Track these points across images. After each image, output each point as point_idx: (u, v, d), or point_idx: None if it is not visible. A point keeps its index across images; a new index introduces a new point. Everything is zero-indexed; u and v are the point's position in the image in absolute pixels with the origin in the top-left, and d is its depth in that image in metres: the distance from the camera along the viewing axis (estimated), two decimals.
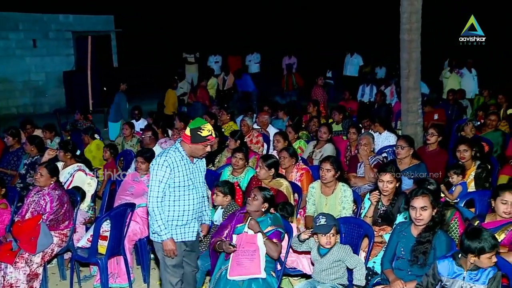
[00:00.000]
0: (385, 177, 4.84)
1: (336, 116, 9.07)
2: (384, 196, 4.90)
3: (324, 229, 4.08)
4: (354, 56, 15.28)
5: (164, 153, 4.11)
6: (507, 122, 8.75)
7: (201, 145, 4.07)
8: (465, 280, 3.47)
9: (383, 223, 4.81)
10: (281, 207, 4.99)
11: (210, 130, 4.05)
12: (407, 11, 7.31)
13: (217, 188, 5.08)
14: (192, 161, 4.19)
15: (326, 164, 5.19)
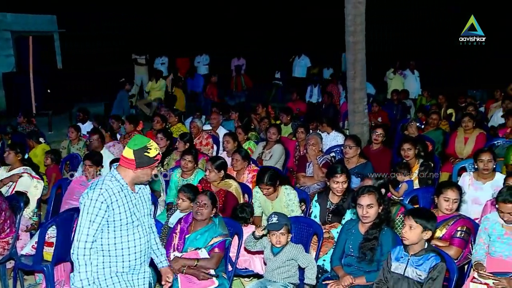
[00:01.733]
0: (340, 178, 4.92)
1: (284, 117, 9.14)
2: (336, 195, 4.99)
3: (276, 226, 4.11)
4: (302, 58, 15.48)
5: (97, 185, 3.25)
6: (447, 121, 9.11)
7: (149, 169, 3.32)
8: (409, 264, 3.63)
9: (334, 218, 4.90)
10: (240, 210, 5.01)
11: (157, 148, 3.34)
12: (351, 14, 7.48)
13: (183, 193, 4.93)
14: (133, 190, 3.39)
15: (263, 185, 5.11)
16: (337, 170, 4.95)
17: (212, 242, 4.32)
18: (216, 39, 20.36)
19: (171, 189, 6.02)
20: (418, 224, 3.59)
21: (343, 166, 5.11)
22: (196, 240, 4.37)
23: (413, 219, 3.61)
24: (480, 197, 5.15)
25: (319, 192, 5.22)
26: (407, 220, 3.65)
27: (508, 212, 3.92)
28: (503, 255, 3.99)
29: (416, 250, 3.64)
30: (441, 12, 20.91)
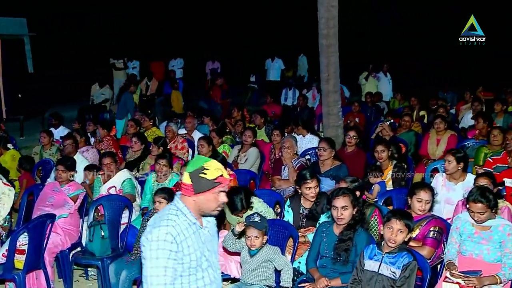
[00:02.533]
0: (312, 183, 4.92)
1: (258, 119, 9.13)
2: (309, 201, 4.99)
3: (257, 225, 4.11)
4: (275, 61, 15.54)
5: (162, 221, 2.65)
6: (419, 123, 9.25)
7: (211, 194, 2.71)
8: (383, 262, 3.69)
9: (308, 223, 4.92)
10: None
11: (219, 169, 2.74)
12: (324, 17, 7.53)
13: (159, 195, 4.88)
14: (201, 225, 2.81)
15: (240, 213, 4.96)
16: (306, 176, 4.93)
17: None
18: (190, 42, 20.31)
19: (146, 194, 5.98)
20: (406, 228, 3.66)
21: (312, 171, 5.09)
22: None
23: (403, 221, 3.65)
24: (453, 197, 5.22)
25: (291, 197, 5.19)
26: (395, 223, 3.66)
27: (478, 212, 3.99)
28: (474, 254, 4.06)
29: (390, 248, 3.69)
30: (417, 15, 21.31)
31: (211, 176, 2.68)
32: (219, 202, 2.74)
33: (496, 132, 6.68)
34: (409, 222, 3.69)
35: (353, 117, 10.15)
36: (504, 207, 4.63)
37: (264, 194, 5.53)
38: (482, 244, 4.04)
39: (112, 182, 5.92)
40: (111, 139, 8.09)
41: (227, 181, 2.75)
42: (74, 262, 5.40)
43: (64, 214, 5.27)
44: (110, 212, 5.49)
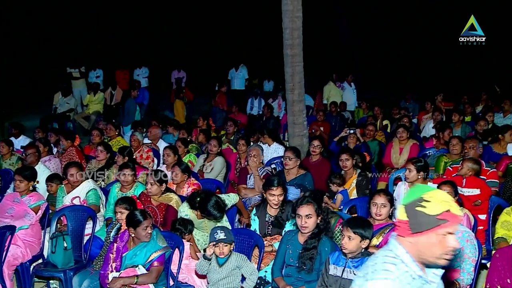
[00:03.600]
0: (276, 191, 4.93)
1: (232, 127, 9.13)
2: (273, 208, 5.01)
3: (226, 241, 4.15)
4: (240, 70, 15.60)
5: (375, 271, 2.13)
6: (383, 132, 9.43)
7: (434, 235, 2.08)
8: (347, 266, 3.74)
9: (274, 230, 4.93)
10: (180, 222, 4.95)
11: (445, 201, 2.10)
12: (289, 27, 7.62)
13: (120, 206, 4.85)
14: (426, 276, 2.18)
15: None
16: (273, 183, 4.95)
17: (152, 257, 4.26)
18: (155, 51, 20.19)
19: (110, 204, 5.89)
20: (356, 235, 3.71)
21: (280, 179, 5.11)
22: (135, 256, 4.29)
23: (351, 230, 3.71)
24: None
25: (257, 206, 5.21)
26: (346, 231, 3.74)
27: None
28: None
29: (354, 254, 3.75)
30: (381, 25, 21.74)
31: (432, 211, 2.07)
32: (447, 248, 2.08)
33: (455, 142, 6.87)
34: (360, 230, 3.72)
35: (318, 126, 10.27)
36: (463, 215, 4.76)
37: None
38: None
39: (76, 192, 5.81)
40: (75, 149, 7.93)
41: (457, 219, 2.09)
42: (35, 274, 5.26)
43: (24, 225, 5.14)
44: (73, 222, 5.40)
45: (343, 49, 21.91)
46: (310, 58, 8.65)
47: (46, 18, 19.60)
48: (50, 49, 19.53)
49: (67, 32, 19.90)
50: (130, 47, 20.21)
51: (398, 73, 19.58)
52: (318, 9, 17.68)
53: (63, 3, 19.75)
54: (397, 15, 20.81)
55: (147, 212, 4.49)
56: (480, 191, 5.35)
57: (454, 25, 13.65)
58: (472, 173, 5.57)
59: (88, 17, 20.63)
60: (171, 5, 21.64)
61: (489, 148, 7.39)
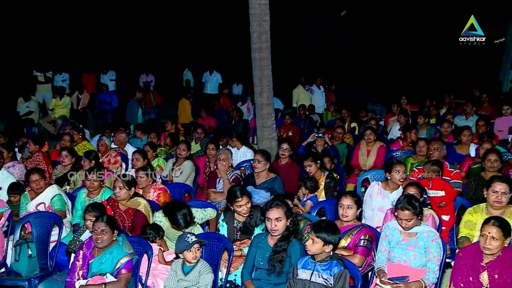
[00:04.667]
0: (242, 201, 4.86)
1: (200, 133, 9.07)
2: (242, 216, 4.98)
3: (194, 242, 4.14)
4: (214, 74, 15.58)
5: None
6: (351, 135, 9.54)
7: None
8: (315, 270, 3.77)
9: (242, 236, 4.93)
10: (151, 226, 4.91)
11: None
12: (257, 31, 7.64)
13: (90, 213, 4.77)
14: None
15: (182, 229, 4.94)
16: (237, 195, 4.85)
17: (119, 264, 4.21)
18: (123, 54, 19.99)
19: (77, 210, 5.80)
20: (319, 239, 3.74)
21: (242, 188, 5.00)
22: (102, 264, 4.23)
23: (315, 234, 3.75)
24: (386, 205, 5.38)
25: (225, 211, 5.14)
26: (311, 234, 3.79)
27: (405, 219, 4.17)
28: (401, 260, 4.22)
29: (321, 257, 3.79)
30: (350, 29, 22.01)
31: None
32: None
33: (422, 144, 7.01)
34: (323, 234, 3.74)
35: (287, 130, 10.32)
36: (428, 215, 4.85)
37: (198, 207, 5.49)
38: (409, 250, 4.21)
39: (41, 199, 5.70)
40: (42, 154, 7.76)
41: None
42: None
43: None
44: (38, 229, 5.28)
45: (312, 51, 22.10)
46: (280, 61, 8.68)
47: (46, 18, 19.55)
48: (50, 49, 19.45)
49: (67, 32, 19.85)
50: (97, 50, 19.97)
51: (398, 73, 19.80)
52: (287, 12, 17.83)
53: (63, 3, 19.77)
54: (397, 15, 21.09)
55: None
56: (445, 193, 5.46)
57: (454, 25, 13.83)
58: (434, 175, 5.69)
59: (88, 17, 20.60)
60: (171, 5, 21.53)
61: (453, 149, 7.56)
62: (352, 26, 22.26)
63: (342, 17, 21.26)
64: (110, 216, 4.50)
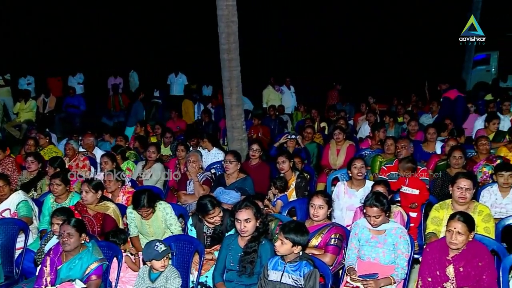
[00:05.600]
0: (214, 213, 4.72)
1: (168, 138, 9.04)
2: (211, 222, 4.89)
3: (164, 253, 4.12)
4: (179, 76, 15.50)
5: None
6: (320, 135, 9.60)
7: None
8: (285, 271, 3.80)
9: (213, 242, 4.84)
10: (113, 234, 4.87)
11: None
12: (225, 32, 7.63)
13: (57, 217, 4.71)
14: None
15: (143, 209, 4.95)
16: (208, 207, 4.69)
17: (89, 269, 4.14)
18: (91, 57, 19.75)
19: (44, 216, 5.71)
20: (288, 240, 3.77)
21: (212, 200, 4.80)
22: (71, 269, 4.16)
23: (284, 235, 3.77)
24: (354, 203, 5.44)
25: (193, 215, 5.04)
26: (280, 235, 3.81)
27: (374, 216, 4.22)
28: (371, 258, 4.27)
29: (291, 258, 3.81)
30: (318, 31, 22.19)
31: None
32: None
33: (390, 142, 7.11)
34: (292, 236, 3.76)
35: (257, 130, 10.34)
36: (397, 212, 4.92)
37: None
38: (378, 247, 4.26)
39: (6, 205, 5.57)
40: (11, 160, 7.56)
41: None
42: None
43: None
44: (3, 236, 5.15)
45: (279, 52, 22.22)
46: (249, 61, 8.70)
47: (46, 18, 19.47)
48: (50, 49, 19.40)
49: (67, 32, 19.73)
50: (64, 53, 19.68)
51: (398, 73, 19.93)
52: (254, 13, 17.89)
53: (63, 3, 19.73)
54: (397, 15, 21.24)
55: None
56: (418, 192, 5.54)
57: (454, 25, 13.99)
58: (410, 172, 5.78)
59: (88, 17, 20.49)
60: (171, 5, 21.36)
61: (420, 147, 7.69)
62: (352, 26, 22.42)
63: (342, 17, 21.36)
64: (78, 219, 4.43)
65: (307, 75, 19.79)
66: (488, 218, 4.65)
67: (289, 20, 22.73)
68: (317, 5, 21.89)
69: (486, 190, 5.55)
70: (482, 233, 4.49)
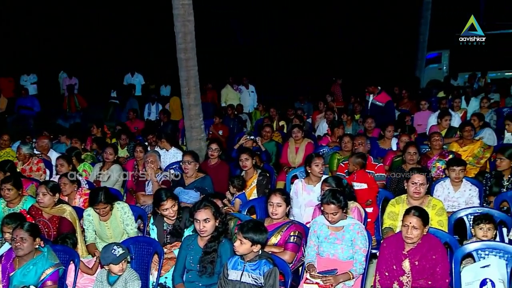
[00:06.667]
0: (167, 204, 4.78)
1: (124, 139, 8.91)
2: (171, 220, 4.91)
3: (122, 256, 4.06)
4: (136, 76, 15.29)
5: None
6: (279, 133, 9.67)
7: None
8: (245, 270, 3.82)
9: (172, 239, 4.86)
10: (61, 239, 4.78)
11: None
12: (181, 32, 7.58)
13: (8, 225, 4.58)
14: None
15: (100, 205, 4.96)
16: (162, 198, 4.77)
17: (44, 275, 4.05)
18: (44, 57, 19.30)
19: None
20: (247, 240, 3.78)
21: (167, 191, 4.92)
22: (25, 276, 4.05)
23: (242, 234, 3.78)
24: (313, 199, 5.50)
25: (154, 214, 5.04)
26: (238, 234, 3.82)
27: (331, 213, 4.27)
28: (330, 254, 4.33)
29: (250, 257, 3.83)
30: None
31: None
32: None
33: (347, 140, 7.23)
34: (251, 235, 3.77)
35: (217, 130, 10.31)
36: (354, 208, 5.00)
37: None
38: (337, 244, 4.33)
39: None
40: None
41: None
42: None
43: None
44: None
45: (238, 51, 22.25)
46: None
47: (46, 18, 19.26)
48: (50, 49, 19.17)
49: (67, 32, 19.53)
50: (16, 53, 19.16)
51: (398, 73, 20.08)
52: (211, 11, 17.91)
53: (63, 3, 19.50)
54: (397, 15, 21.38)
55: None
56: (367, 186, 5.66)
57: (406, 25, 14.16)
58: (359, 167, 5.89)
59: (88, 17, 20.18)
60: (170, 5, 20.99)
61: (376, 144, 7.85)
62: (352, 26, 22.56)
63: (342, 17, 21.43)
64: (32, 223, 4.32)
65: (307, 75, 19.92)
66: (442, 212, 4.79)
67: (289, 20, 22.83)
68: (317, 5, 22.03)
69: (440, 185, 5.72)
70: (436, 226, 4.62)
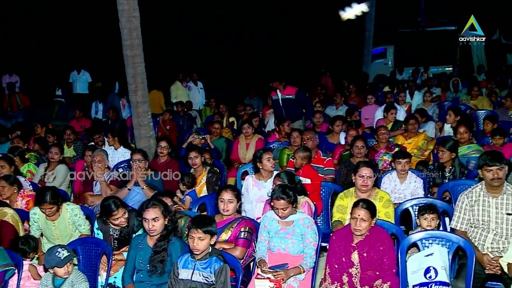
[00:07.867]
0: (119, 213, 4.61)
1: (70, 135, 8.67)
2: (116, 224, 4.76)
3: (67, 259, 3.95)
4: (82, 73, 14.91)
5: None
6: (229, 129, 9.66)
7: None
8: (195, 269, 3.81)
9: (120, 245, 4.70)
10: (23, 241, 4.64)
11: None
12: (127, 28, 7.43)
13: None
14: None
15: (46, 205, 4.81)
16: (112, 208, 4.58)
17: None
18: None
19: None
20: (206, 234, 3.77)
21: (115, 200, 4.71)
22: None
23: (201, 230, 3.76)
24: (264, 195, 5.51)
25: (99, 218, 4.88)
26: (195, 233, 3.77)
27: (281, 208, 4.30)
28: (281, 249, 4.36)
29: (202, 255, 3.80)
30: None
31: None
32: None
33: (296, 135, 7.28)
34: (209, 228, 3.79)
35: (164, 126, 10.21)
36: (304, 202, 5.05)
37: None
38: (287, 238, 4.36)
39: None
40: None
41: None
42: None
43: None
44: None
45: (238, 51, 22.29)
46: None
47: (46, 18, 18.86)
48: (50, 49, 18.88)
49: (67, 32, 19.15)
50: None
51: (346, 69, 20.14)
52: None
53: (63, 3, 19.05)
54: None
55: None
56: (310, 181, 5.73)
57: (352, 20, 14.30)
58: (307, 161, 5.96)
59: (88, 17, 19.54)
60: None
61: (325, 138, 7.97)
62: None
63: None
64: None
65: (307, 75, 19.86)
66: (388, 204, 4.91)
67: (289, 20, 22.75)
68: (317, 5, 22.02)
69: (386, 177, 5.87)
70: (383, 218, 4.73)
